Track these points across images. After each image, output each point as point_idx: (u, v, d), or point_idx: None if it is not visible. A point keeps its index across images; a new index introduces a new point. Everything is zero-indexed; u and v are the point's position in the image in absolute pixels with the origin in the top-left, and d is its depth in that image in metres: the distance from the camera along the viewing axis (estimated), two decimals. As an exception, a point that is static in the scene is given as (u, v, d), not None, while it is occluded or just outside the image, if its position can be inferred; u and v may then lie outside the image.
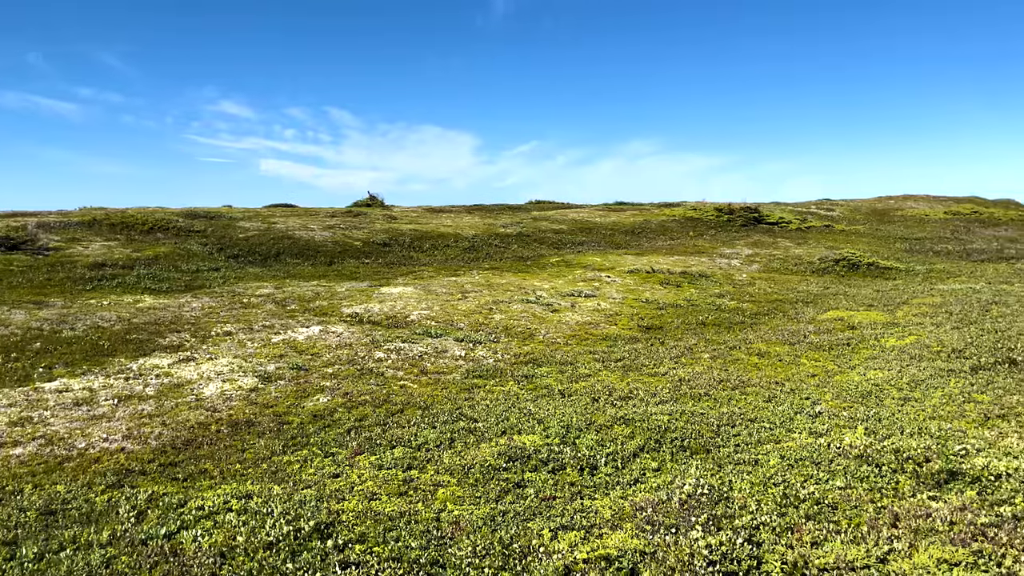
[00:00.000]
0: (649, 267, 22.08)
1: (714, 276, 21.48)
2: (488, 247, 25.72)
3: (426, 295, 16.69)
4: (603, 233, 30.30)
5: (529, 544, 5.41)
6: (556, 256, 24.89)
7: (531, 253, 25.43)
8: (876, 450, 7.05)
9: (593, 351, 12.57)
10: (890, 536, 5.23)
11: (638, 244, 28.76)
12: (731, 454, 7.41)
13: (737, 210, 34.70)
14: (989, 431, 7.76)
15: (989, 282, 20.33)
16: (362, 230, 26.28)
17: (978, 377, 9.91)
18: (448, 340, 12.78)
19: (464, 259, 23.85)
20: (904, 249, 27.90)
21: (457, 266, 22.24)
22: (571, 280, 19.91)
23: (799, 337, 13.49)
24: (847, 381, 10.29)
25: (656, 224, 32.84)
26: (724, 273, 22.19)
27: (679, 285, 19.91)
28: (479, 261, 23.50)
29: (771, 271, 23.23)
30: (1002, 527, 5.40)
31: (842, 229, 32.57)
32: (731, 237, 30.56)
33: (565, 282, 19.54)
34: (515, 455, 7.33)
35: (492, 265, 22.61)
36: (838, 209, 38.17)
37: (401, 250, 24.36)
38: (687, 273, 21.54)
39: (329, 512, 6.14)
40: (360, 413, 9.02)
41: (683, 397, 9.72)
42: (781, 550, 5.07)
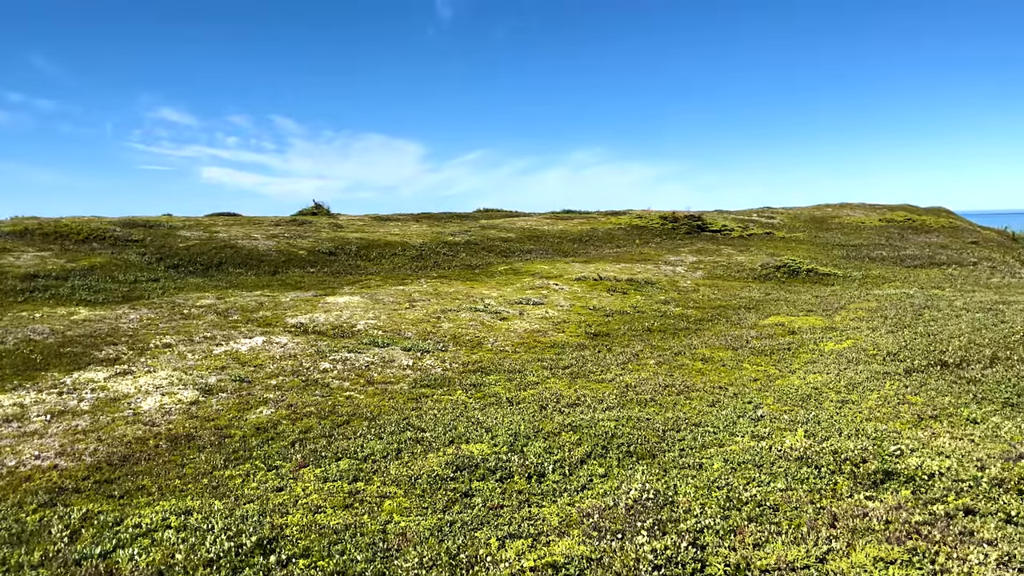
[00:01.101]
0: (596, 275, 22.27)
1: (660, 283, 21.78)
2: (436, 255, 25.62)
3: (373, 304, 16.54)
4: (551, 241, 30.47)
5: (476, 554, 5.38)
6: (504, 264, 24.92)
7: (479, 261, 25.42)
8: (816, 452, 7.22)
9: (541, 359, 12.61)
10: (829, 536, 5.36)
11: (585, 252, 28.99)
12: (676, 458, 7.51)
13: (681, 218, 35.28)
14: (922, 431, 8.02)
15: (922, 287, 21.07)
16: (307, 239, 25.92)
17: (912, 379, 10.24)
18: (395, 349, 12.67)
19: (412, 268, 23.71)
20: (842, 255, 28.73)
21: (405, 275, 22.10)
22: (519, 288, 19.96)
23: (742, 342, 13.76)
24: (788, 385, 10.53)
25: (603, 232, 33.16)
26: (669, 280, 22.52)
27: (626, 292, 20.13)
28: (427, 270, 23.39)
29: (715, 278, 23.67)
30: (935, 525, 5.59)
31: (782, 236, 33.37)
32: (676, 245, 31.04)
33: (513, 290, 19.57)
34: (463, 464, 7.30)
35: (440, 273, 22.53)
36: (778, 217, 39.12)
37: (347, 259, 24.10)
38: (633, 280, 21.79)
39: (272, 527, 6.01)
40: (305, 425, 8.87)
41: (630, 403, 9.81)
42: (724, 552, 5.15)
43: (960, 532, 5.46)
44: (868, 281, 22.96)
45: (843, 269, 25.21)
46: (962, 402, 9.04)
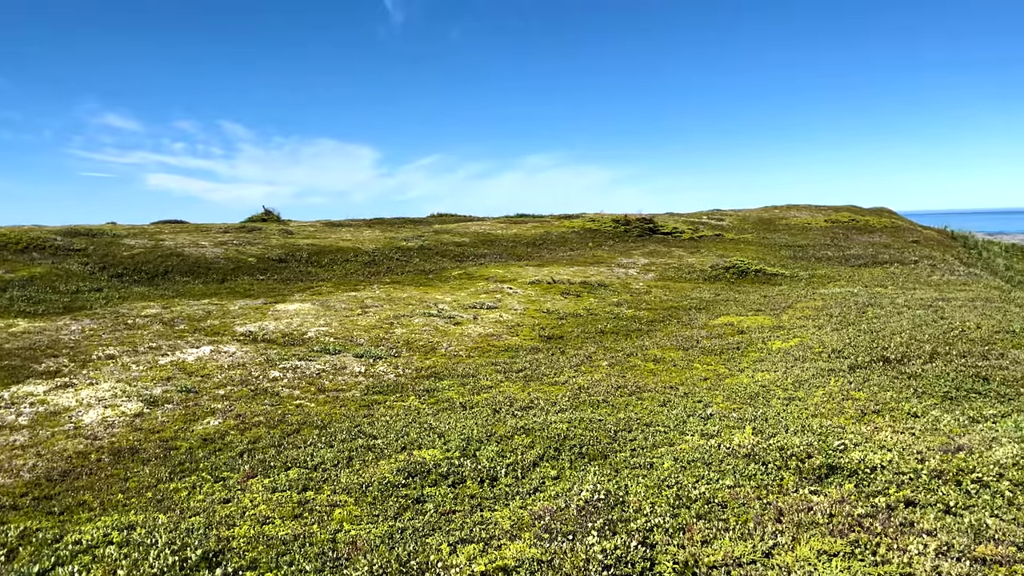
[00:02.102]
0: (550, 278, 22.36)
1: (612, 285, 21.96)
2: (389, 261, 25.45)
3: (324, 311, 16.34)
4: (505, 245, 30.50)
5: (427, 560, 5.34)
6: (458, 269, 24.87)
7: (433, 266, 25.32)
8: (763, 448, 7.35)
9: (495, 362, 12.60)
10: (775, 531, 5.46)
11: (539, 255, 29.09)
12: (627, 458, 7.56)
13: (633, 221, 35.64)
14: (865, 426, 8.22)
15: (865, 286, 21.63)
16: (257, 246, 25.50)
17: (856, 375, 10.50)
18: (347, 356, 12.54)
19: (364, 274, 23.50)
20: (789, 256, 29.34)
21: (357, 281, 21.89)
22: (473, 292, 19.92)
23: (692, 342, 13.95)
24: (737, 383, 10.70)
25: (556, 236, 33.31)
26: (622, 282, 22.72)
27: (579, 295, 20.25)
28: (380, 275, 23.21)
29: (666, 279, 23.96)
30: (877, 517, 5.72)
31: (732, 238, 33.95)
32: (628, 247, 31.34)
33: (467, 294, 19.54)
34: (415, 470, 7.25)
35: (393, 279, 22.38)
36: (728, 219, 39.79)
37: (298, 266, 23.78)
38: (587, 283, 21.93)
39: (219, 539, 5.89)
40: (253, 435, 8.71)
41: (582, 405, 9.86)
42: (673, 550, 5.21)
43: (901, 523, 5.61)
44: (814, 280, 23.48)
45: (790, 269, 25.75)
46: (903, 397, 9.29)
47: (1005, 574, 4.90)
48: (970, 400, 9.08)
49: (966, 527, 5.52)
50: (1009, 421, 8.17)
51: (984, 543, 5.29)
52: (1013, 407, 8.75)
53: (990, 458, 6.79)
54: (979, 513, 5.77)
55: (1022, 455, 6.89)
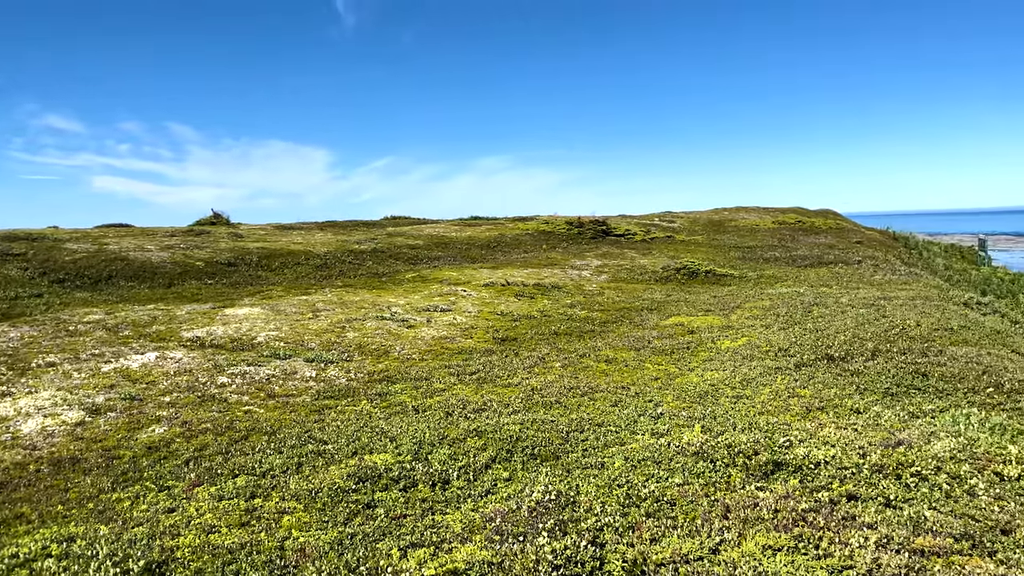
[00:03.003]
0: (504, 280, 22.39)
1: (566, 287, 22.08)
2: (341, 264, 25.19)
3: (275, 315, 16.10)
4: (459, 248, 30.45)
5: (377, 565, 5.30)
6: (412, 272, 24.74)
7: (386, 269, 25.14)
8: (711, 446, 7.46)
9: (448, 365, 12.56)
10: (722, 527, 5.54)
11: (493, 258, 29.11)
12: (579, 459, 7.61)
13: (587, 223, 35.91)
14: (810, 423, 8.41)
15: (811, 285, 22.14)
16: (205, 249, 25.01)
17: (801, 373, 10.74)
18: (298, 361, 12.37)
19: (316, 277, 23.22)
20: (738, 257, 29.87)
21: (308, 284, 21.62)
22: (427, 295, 19.84)
23: (644, 343, 14.10)
24: (687, 383, 10.85)
25: (511, 238, 33.38)
26: (575, 284, 22.86)
27: (533, 297, 20.31)
28: (332, 279, 22.96)
29: (619, 281, 24.18)
30: (820, 512, 5.86)
31: (683, 239, 34.43)
32: (582, 249, 31.56)
33: (421, 297, 19.45)
34: (366, 475, 7.18)
35: (346, 282, 22.15)
36: (679, 221, 40.35)
37: (248, 269, 23.39)
38: (541, 285, 22.01)
39: (162, 550, 5.75)
40: (200, 442, 8.54)
41: (535, 406, 9.89)
42: (622, 549, 5.25)
43: (843, 517, 5.75)
44: (762, 281, 23.95)
45: (739, 270, 26.21)
46: (846, 393, 9.53)
47: (942, 565, 5.06)
48: (910, 396, 9.35)
49: (905, 520, 5.68)
50: (947, 416, 8.44)
51: (922, 535, 5.45)
52: (951, 402, 9.05)
53: (929, 452, 7.00)
54: (918, 506, 5.95)
55: (959, 449, 7.13)
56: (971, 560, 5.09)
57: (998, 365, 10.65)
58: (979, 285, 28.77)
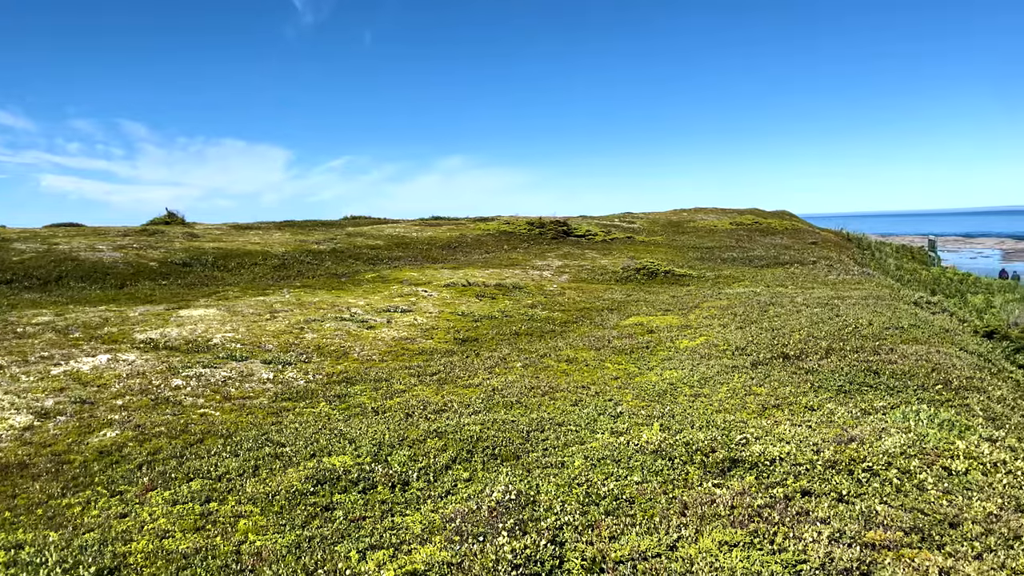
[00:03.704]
0: (465, 280, 22.34)
1: (527, 287, 22.12)
2: (300, 264, 24.89)
3: (231, 316, 15.84)
4: (420, 248, 30.31)
5: (335, 568, 5.24)
6: (372, 272, 24.55)
7: (346, 269, 24.91)
8: (670, 444, 7.54)
9: (409, 366, 12.49)
10: (679, 524, 5.60)
11: (455, 258, 29.04)
12: (539, 458, 7.62)
13: (548, 224, 36.03)
14: (766, 420, 8.55)
15: (767, 285, 22.51)
16: (159, 250, 24.51)
17: (758, 372, 10.91)
18: (255, 363, 12.19)
19: (274, 277, 22.91)
20: (696, 257, 30.24)
21: (266, 285, 21.32)
22: (387, 296, 19.71)
23: (604, 342, 14.19)
24: (646, 382, 10.95)
25: (472, 238, 33.33)
26: (536, 284, 22.91)
27: (494, 297, 20.31)
28: (290, 279, 22.68)
29: (580, 281, 24.30)
30: (775, 507, 5.96)
31: (643, 240, 34.74)
32: (543, 250, 31.66)
33: (381, 298, 19.31)
34: (324, 478, 7.10)
35: (304, 283, 21.90)
36: (639, 222, 40.72)
37: (203, 270, 22.98)
38: (502, 285, 22.01)
39: (114, 555, 5.62)
40: (154, 446, 8.35)
41: (496, 406, 9.88)
42: (582, 547, 5.28)
43: (797, 513, 5.85)
44: (720, 281, 24.28)
45: (698, 270, 26.54)
46: (801, 391, 9.71)
47: (893, 558, 5.18)
48: (862, 393, 9.56)
49: (857, 514, 5.81)
50: (897, 412, 8.65)
51: (874, 529, 5.58)
52: (901, 399, 9.27)
53: (880, 448, 7.17)
54: (869, 500, 6.09)
55: (909, 444, 7.31)
56: (920, 553, 5.22)
57: (947, 363, 10.95)
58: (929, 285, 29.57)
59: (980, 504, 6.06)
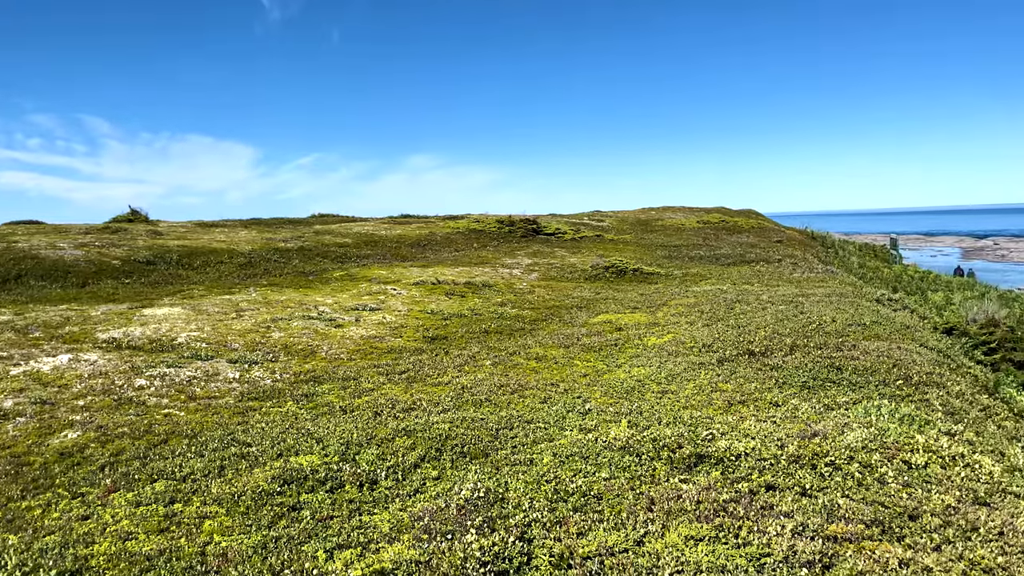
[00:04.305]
0: (435, 279, 22.28)
1: (497, 285, 22.12)
2: (267, 262, 24.63)
3: (196, 315, 15.62)
4: (389, 246, 30.16)
5: (302, 568, 5.21)
6: (340, 270, 24.38)
7: (314, 268, 24.70)
8: (637, 441, 7.60)
9: (377, 365, 12.43)
10: (646, 519, 5.66)
11: (424, 256, 28.94)
12: (508, 456, 7.64)
13: (517, 222, 36.06)
14: (732, 416, 8.66)
15: (734, 283, 22.77)
16: (122, 248, 24.08)
17: (724, 368, 11.03)
18: (221, 362, 12.04)
19: (240, 276, 22.64)
20: (664, 255, 30.49)
21: (232, 283, 21.05)
22: (356, 294, 19.58)
23: (573, 340, 14.25)
24: (614, 379, 11.02)
25: (441, 236, 33.25)
26: (506, 282, 22.93)
27: (464, 295, 20.28)
28: (257, 277, 22.42)
29: (549, 279, 24.37)
30: (740, 502, 6.04)
31: (612, 238, 34.94)
32: (512, 248, 31.68)
33: (349, 296, 19.18)
34: (291, 477, 7.04)
35: (271, 281, 21.67)
36: (608, 220, 40.94)
37: (168, 268, 22.63)
38: (471, 283, 21.99)
39: (76, 558, 5.52)
40: (116, 447, 8.21)
41: (465, 404, 9.87)
42: (550, 543, 5.31)
43: (761, 507, 5.94)
44: (687, 279, 24.51)
45: (665, 268, 26.76)
46: (766, 387, 9.85)
47: (854, 550, 5.28)
48: (825, 389, 9.72)
49: (820, 508, 5.91)
50: (860, 408, 8.81)
51: (836, 522, 5.68)
52: (863, 394, 9.44)
53: (842, 442, 7.30)
54: (832, 494, 6.20)
55: (870, 439, 7.45)
56: (881, 545, 5.33)
57: (907, 359, 11.18)
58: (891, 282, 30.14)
59: (939, 497, 6.20)
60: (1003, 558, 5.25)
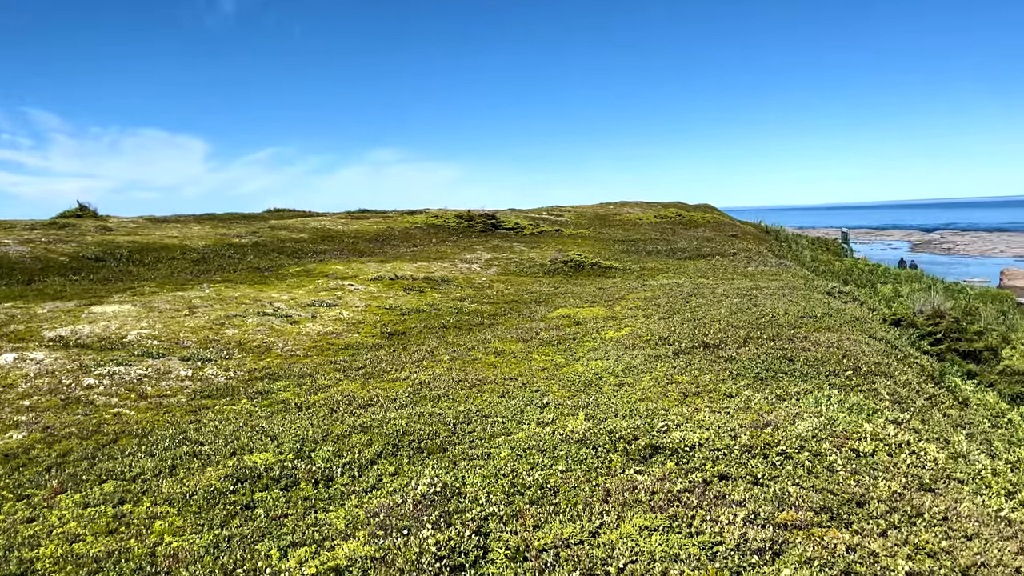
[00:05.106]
0: (393, 274, 22.14)
1: (456, 280, 22.07)
2: (220, 258, 24.21)
3: (147, 312, 15.29)
4: (346, 241, 29.87)
5: (255, 567, 5.14)
6: (296, 266, 24.08)
7: (269, 263, 24.36)
8: (594, 433, 7.66)
9: (334, 361, 12.32)
10: (602, 511, 5.70)
11: (382, 251, 28.74)
12: (466, 450, 7.63)
13: (477, 217, 36.01)
14: (687, 407, 8.77)
15: (690, 277, 23.06)
16: (70, 244, 23.45)
17: (679, 360, 11.17)
18: (173, 360, 11.80)
19: (193, 272, 22.22)
20: (622, 250, 30.74)
21: (184, 280, 20.65)
22: (312, 290, 19.36)
23: (532, 334, 14.29)
24: (572, 372, 11.08)
25: (400, 231, 33.04)
26: (465, 277, 22.89)
27: (422, 290, 20.20)
28: (210, 274, 22.02)
29: (508, 274, 24.39)
30: (693, 492, 6.12)
31: (570, 233, 35.10)
32: (471, 243, 31.63)
33: (306, 292, 18.95)
34: (244, 476, 6.94)
35: (225, 277, 21.31)
36: (567, 215, 41.12)
37: (118, 264, 22.10)
38: (430, 278, 21.91)
39: (20, 561, 5.38)
40: (63, 448, 8.01)
41: (423, 400, 9.84)
42: (506, 537, 5.32)
43: (715, 496, 6.03)
44: (645, 273, 24.75)
45: (623, 262, 26.99)
46: (720, 379, 9.99)
47: (803, 537, 5.39)
48: (778, 380, 9.90)
49: (771, 496, 6.02)
50: (810, 398, 9.00)
51: (786, 510, 5.80)
52: (814, 384, 9.64)
53: (793, 432, 7.45)
54: (783, 483, 6.32)
55: (820, 428, 7.61)
56: (829, 532, 5.46)
57: (856, 349, 11.44)
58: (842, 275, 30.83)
59: (885, 484, 6.37)
60: (947, 542, 5.41)
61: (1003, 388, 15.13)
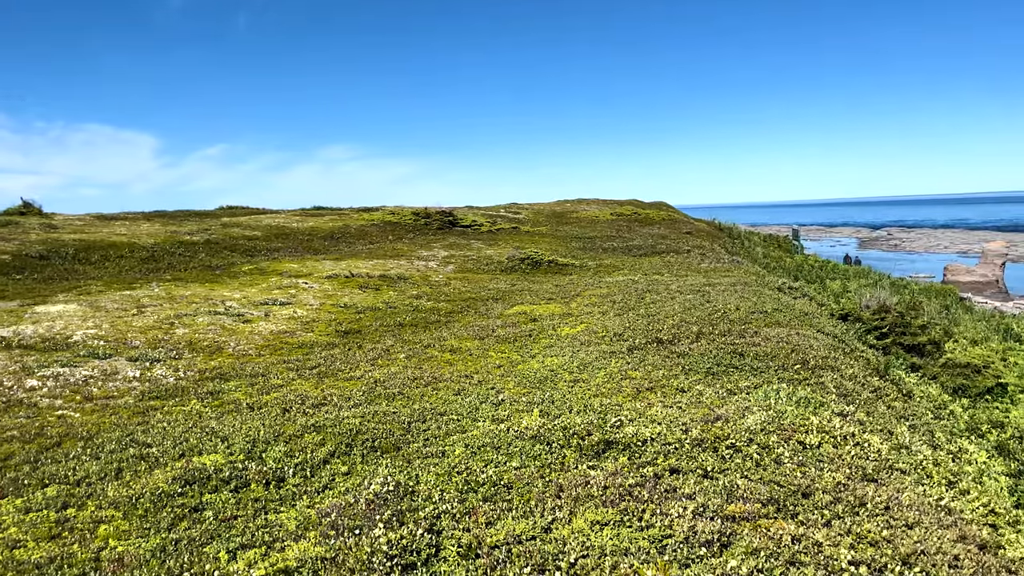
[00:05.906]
0: (348, 272, 21.94)
1: (412, 278, 21.96)
2: (171, 256, 23.71)
3: (94, 312, 14.91)
4: (300, 239, 29.50)
5: (203, 570, 5.06)
6: (249, 264, 23.70)
7: (221, 261, 23.93)
8: (548, 429, 7.70)
9: (287, 360, 12.16)
10: (554, 506, 5.74)
11: (337, 249, 28.44)
12: (420, 449, 7.61)
13: (434, 214, 35.87)
14: (640, 403, 8.87)
15: (645, 274, 23.31)
16: (12, 242, 22.74)
17: (633, 356, 11.29)
18: (120, 360, 11.53)
19: (142, 270, 21.72)
20: (579, 247, 30.92)
21: (133, 278, 20.18)
22: (265, 288, 19.08)
23: (488, 332, 14.30)
24: (528, 369, 11.12)
25: (355, 229, 32.74)
26: (422, 275, 22.79)
27: (378, 288, 20.05)
28: (160, 272, 21.56)
29: (465, 271, 24.35)
30: (645, 486, 6.20)
31: (528, 230, 35.18)
32: (428, 240, 31.50)
33: (259, 291, 18.67)
34: (193, 478, 6.82)
35: (175, 276, 20.88)
36: (524, 212, 41.20)
37: (63, 263, 21.50)
38: (386, 276, 21.76)
39: (-44, 572, 5.20)
40: (5, 451, 7.77)
41: (377, 398, 9.78)
42: (459, 534, 5.32)
43: (665, 490, 6.12)
44: (601, 270, 24.94)
45: (580, 260, 27.15)
46: (673, 374, 10.13)
47: (750, 528, 5.50)
48: (729, 374, 10.08)
49: (720, 489, 6.13)
50: (760, 392, 9.18)
51: (735, 502, 5.91)
52: (763, 379, 9.84)
53: (742, 425, 7.59)
54: (732, 476, 6.44)
55: (769, 421, 7.77)
56: (776, 523, 5.58)
57: (805, 344, 11.70)
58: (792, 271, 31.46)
59: (830, 475, 6.53)
60: (888, 531, 5.57)
61: (945, 380, 15.62)
